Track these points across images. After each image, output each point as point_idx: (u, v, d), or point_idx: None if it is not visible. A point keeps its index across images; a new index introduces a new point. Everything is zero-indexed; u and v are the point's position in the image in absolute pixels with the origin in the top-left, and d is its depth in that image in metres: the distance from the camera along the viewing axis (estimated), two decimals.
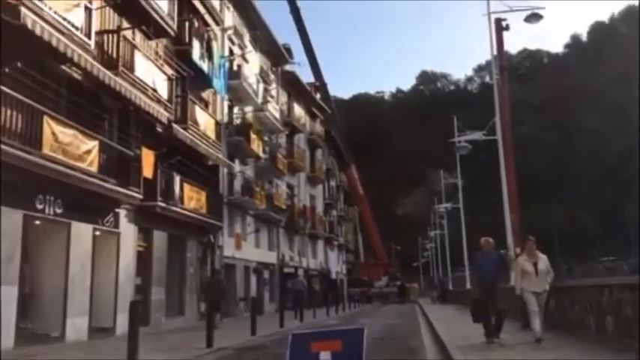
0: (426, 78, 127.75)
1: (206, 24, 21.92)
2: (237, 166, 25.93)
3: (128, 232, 15.73)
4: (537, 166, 76.60)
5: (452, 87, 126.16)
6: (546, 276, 9.10)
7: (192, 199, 19.10)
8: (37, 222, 12.12)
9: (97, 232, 14.20)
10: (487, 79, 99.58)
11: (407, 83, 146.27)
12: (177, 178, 17.84)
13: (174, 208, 17.55)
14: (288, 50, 36.75)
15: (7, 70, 10.80)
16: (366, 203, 56.78)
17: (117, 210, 15.01)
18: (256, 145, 26.72)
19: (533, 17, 17.14)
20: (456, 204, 36.77)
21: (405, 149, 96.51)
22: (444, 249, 44.87)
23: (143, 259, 16.78)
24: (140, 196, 15.25)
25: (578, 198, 77.56)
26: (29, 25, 10.05)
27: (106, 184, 13.51)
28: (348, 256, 58.48)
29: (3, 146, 9.95)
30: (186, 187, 18.63)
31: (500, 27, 19.15)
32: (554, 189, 78.15)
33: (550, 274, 9.21)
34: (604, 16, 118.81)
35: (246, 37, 28.70)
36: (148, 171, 15.70)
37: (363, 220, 59.86)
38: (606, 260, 51.32)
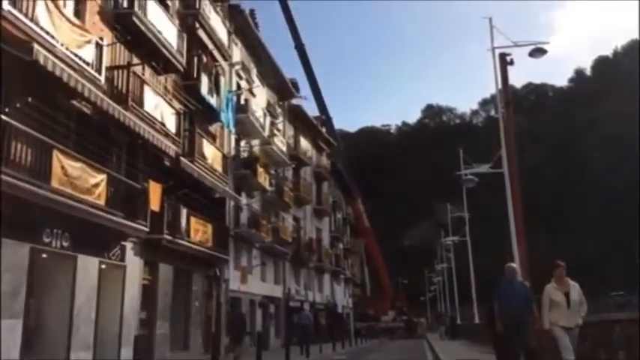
0: (432, 111, 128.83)
1: (214, 59, 22.28)
2: (243, 199, 25.98)
3: (134, 265, 15.69)
4: (544, 198, 76.31)
5: (457, 120, 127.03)
6: (579, 308, 7.90)
7: (198, 231, 19.08)
8: (44, 255, 12.12)
9: (103, 266, 14.16)
10: (492, 112, 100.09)
11: (413, 116, 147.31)
12: (183, 211, 17.87)
13: (180, 241, 17.53)
14: (295, 85, 37.22)
15: (18, 104, 11.00)
16: (372, 236, 56.49)
17: (123, 243, 15.00)
18: (263, 178, 26.81)
19: (538, 52, 17.28)
20: (463, 237, 36.53)
21: (411, 182, 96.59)
22: (452, 283, 44.39)
23: (148, 293, 16.68)
24: (147, 229, 15.26)
25: (584, 230, 76.95)
26: (41, 61, 10.25)
27: (114, 217, 13.54)
28: (354, 289, 57.90)
29: (12, 180, 10.03)
30: (193, 219, 18.64)
31: (504, 61, 19.28)
32: (561, 221, 77.63)
33: (583, 305, 8.03)
34: (607, 51, 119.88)
35: (254, 72, 29.11)
36: (154, 204, 15.74)
37: (369, 253, 59.46)
38: (616, 295, 50.59)
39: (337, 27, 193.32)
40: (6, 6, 10.09)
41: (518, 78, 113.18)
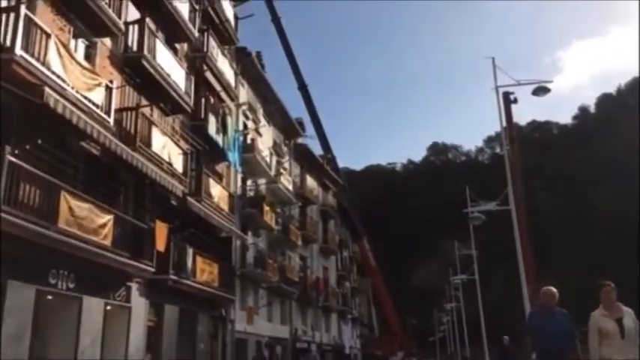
0: (437, 149, 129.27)
1: (221, 100, 22.61)
2: (249, 238, 25.91)
3: (139, 306, 15.56)
4: (551, 235, 75.69)
5: (463, 158, 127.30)
6: (636, 337, 6.25)
7: (204, 271, 18.98)
8: (49, 297, 12.07)
9: (109, 307, 14.06)
10: (498, 149, 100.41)
11: (418, 154, 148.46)
12: (189, 251, 17.81)
13: (186, 282, 17.41)
14: (301, 124, 37.60)
15: (27, 146, 11.15)
16: (380, 275, 55.94)
17: (129, 284, 14.92)
18: (269, 217, 26.79)
19: (541, 90, 17.44)
20: (471, 275, 36.11)
21: (417, 220, 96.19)
22: (461, 322, 43.67)
23: (153, 334, 16.49)
24: (153, 270, 15.20)
25: (594, 268, 76.01)
26: (52, 104, 10.43)
27: (120, 258, 13.51)
28: (362, 329, 56.94)
29: (19, 221, 10.08)
30: (199, 259, 18.57)
31: (508, 100, 19.54)
32: (570, 259, 76.78)
33: None
34: (611, 89, 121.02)
35: (260, 112, 29.47)
36: (161, 244, 15.72)
37: (376, 293, 58.75)
38: None
39: (342, 66, 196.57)
40: (18, 51, 10.33)
41: (522, 115, 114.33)
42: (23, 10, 10.60)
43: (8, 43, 10.31)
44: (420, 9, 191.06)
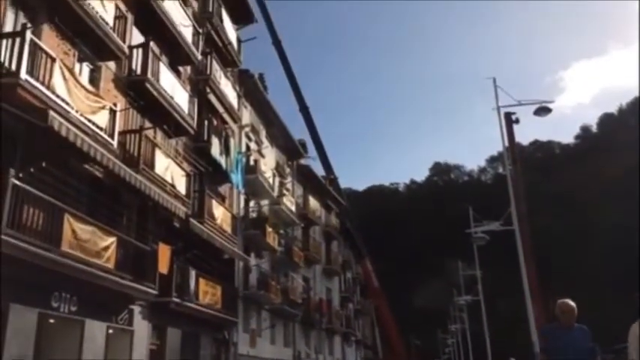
0: (440, 169, 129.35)
1: (224, 122, 22.72)
2: (252, 260, 25.81)
3: (142, 329, 15.45)
4: (556, 255, 75.27)
5: (465, 178, 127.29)
6: None
7: (207, 294, 18.88)
8: (52, 320, 12.00)
9: (111, 330, 13.95)
10: (500, 169, 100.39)
11: (420, 174, 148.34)
12: (192, 273, 17.74)
13: (189, 304, 17.31)
14: (303, 145, 37.75)
15: (32, 169, 11.20)
16: (383, 296, 55.46)
17: (131, 307, 14.84)
18: (272, 239, 26.72)
19: (542, 110, 17.53)
20: (475, 296, 35.87)
21: (420, 240, 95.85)
22: (467, 344, 43.23)
23: (156, 358, 16.33)
24: (155, 292, 15.12)
25: (599, 289, 75.42)
26: (56, 127, 10.50)
27: (123, 281, 13.46)
28: (365, 352, 56.36)
29: (22, 244, 10.08)
30: (202, 281, 18.48)
31: (509, 120, 19.53)
32: (576, 279, 76.20)
33: None
34: (613, 108, 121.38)
35: (263, 133, 29.59)
36: (163, 266, 15.67)
37: (379, 314, 58.18)
38: None
39: (345, 86, 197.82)
40: (23, 75, 10.43)
41: (525, 135, 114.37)
42: (29, 34, 10.73)
43: (14, 67, 10.43)
44: (422, 29, 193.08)
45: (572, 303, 6.25)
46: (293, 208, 31.82)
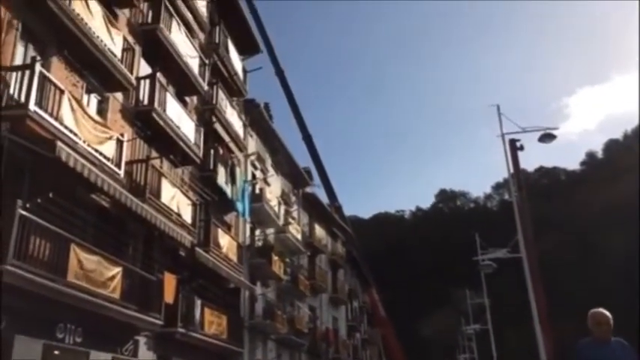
0: (445, 196, 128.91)
1: (230, 151, 22.86)
2: (258, 289, 25.65)
3: None
4: (565, 282, 74.46)
5: (471, 204, 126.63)
6: None
7: (212, 323, 18.71)
8: (56, 352, 11.90)
9: None
10: (506, 196, 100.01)
11: (426, 202, 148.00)
12: (198, 303, 17.62)
13: (194, 335, 17.15)
14: (309, 173, 37.74)
15: (39, 199, 11.26)
16: (390, 326, 54.66)
17: (137, 337, 14.72)
18: (278, 267, 26.59)
19: (547, 137, 17.57)
20: (484, 325, 35.39)
21: (427, 268, 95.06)
22: None
23: None
24: (161, 323, 15.01)
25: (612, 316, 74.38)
26: (63, 158, 10.60)
27: (128, 311, 13.38)
28: None
29: (28, 275, 10.07)
30: (207, 311, 18.34)
31: (514, 147, 19.54)
32: (587, 305, 75.20)
33: None
34: (618, 134, 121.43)
35: (268, 162, 29.72)
36: (169, 296, 15.58)
37: (386, 344, 57.37)
38: None
39: (350, 114, 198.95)
40: (32, 106, 10.58)
41: (530, 162, 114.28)
42: (38, 67, 10.92)
43: (23, 99, 10.59)
44: (425, 55, 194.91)
45: (607, 313, 5.51)
46: (299, 236, 31.73)
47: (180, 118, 17.28)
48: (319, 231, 39.21)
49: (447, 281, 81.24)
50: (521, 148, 20.02)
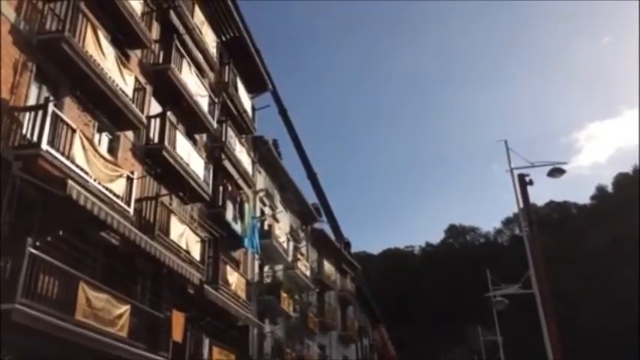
0: (455, 232, 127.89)
1: (239, 187, 22.96)
2: (267, 326, 25.36)
3: None
4: (578, 319, 73.01)
5: (482, 239, 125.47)
6: None
7: None
8: None
9: None
10: (517, 231, 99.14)
11: (436, 237, 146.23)
12: (206, 341, 17.45)
13: None
14: (317, 209, 37.78)
15: (49, 238, 11.32)
16: None
17: None
18: (287, 304, 26.34)
19: (556, 172, 17.53)
20: None
21: (438, 305, 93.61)
22: None
23: None
24: None
25: (629, 355, 72.56)
26: (74, 196, 10.70)
27: (136, 350, 13.25)
28: None
29: (37, 313, 10.05)
30: (215, 350, 18.10)
31: (523, 182, 19.47)
32: (600, 343, 73.52)
33: None
34: (628, 168, 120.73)
35: (277, 198, 29.78)
36: (177, 334, 15.43)
37: None
38: None
39: (357, 151, 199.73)
40: (44, 146, 10.74)
41: (541, 196, 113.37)
42: (51, 107, 11.13)
43: (35, 138, 10.77)
44: (434, 91, 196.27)
45: None
46: (308, 272, 31.52)
47: (189, 156, 17.44)
48: (328, 267, 38.93)
49: (459, 318, 79.87)
50: (531, 182, 19.96)
